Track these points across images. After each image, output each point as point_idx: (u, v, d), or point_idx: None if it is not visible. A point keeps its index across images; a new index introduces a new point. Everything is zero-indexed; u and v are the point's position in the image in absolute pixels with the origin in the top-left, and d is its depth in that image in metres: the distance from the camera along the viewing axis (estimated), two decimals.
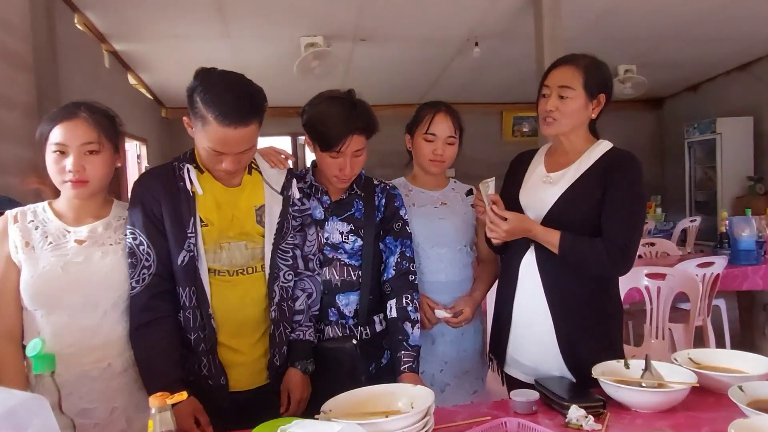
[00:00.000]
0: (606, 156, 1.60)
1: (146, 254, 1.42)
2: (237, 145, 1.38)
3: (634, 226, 1.56)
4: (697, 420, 1.22)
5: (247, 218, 1.50)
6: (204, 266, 1.43)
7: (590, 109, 1.60)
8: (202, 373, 1.45)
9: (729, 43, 6.02)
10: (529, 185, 1.69)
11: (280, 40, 5.15)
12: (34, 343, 0.95)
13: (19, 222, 1.39)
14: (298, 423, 1.00)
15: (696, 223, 6.08)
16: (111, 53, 5.45)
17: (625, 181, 1.55)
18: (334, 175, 1.61)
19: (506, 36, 5.36)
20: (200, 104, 1.35)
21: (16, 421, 0.81)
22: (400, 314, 1.62)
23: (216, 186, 1.48)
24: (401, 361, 1.57)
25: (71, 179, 1.36)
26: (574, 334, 1.58)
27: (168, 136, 7.89)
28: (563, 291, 1.58)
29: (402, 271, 1.67)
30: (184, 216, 1.43)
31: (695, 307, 2.80)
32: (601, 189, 1.55)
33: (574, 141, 1.64)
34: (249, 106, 1.37)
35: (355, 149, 1.58)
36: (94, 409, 1.36)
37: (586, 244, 1.53)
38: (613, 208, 1.53)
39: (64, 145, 1.35)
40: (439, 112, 1.83)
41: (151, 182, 1.47)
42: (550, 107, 1.59)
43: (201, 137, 1.39)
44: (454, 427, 1.23)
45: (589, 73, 1.58)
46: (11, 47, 3.35)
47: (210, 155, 1.40)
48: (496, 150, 8.43)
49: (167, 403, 0.89)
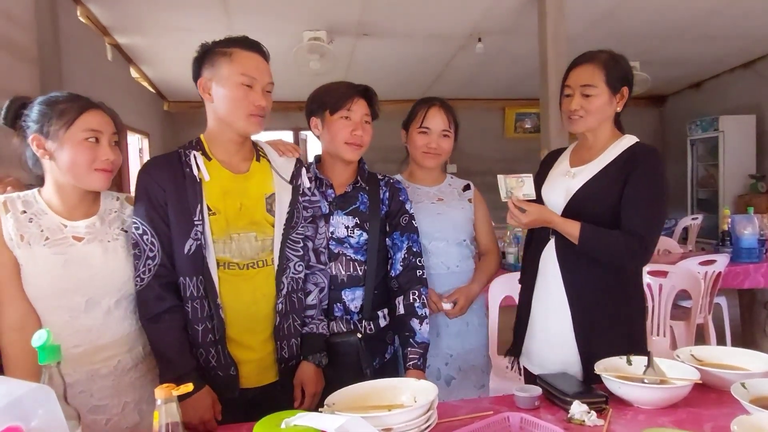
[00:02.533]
0: (629, 150, 1.60)
1: (150, 244, 1.39)
2: (265, 73, 1.45)
3: (653, 219, 1.55)
4: (699, 416, 1.22)
5: (257, 207, 1.48)
6: (212, 255, 1.41)
7: (614, 103, 1.62)
8: (210, 365, 1.43)
9: (732, 40, 6.00)
10: (551, 179, 1.70)
11: (283, 34, 5.14)
12: (39, 333, 0.95)
13: (11, 212, 1.31)
14: (303, 415, 1.00)
15: (698, 221, 6.07)
16: (113, 46, 5.44)
17: (645, 174, 1.55)
18: (346, 141, 1.64)
19: (509, 32, 5.34)
20: (221, 47, 1.43)
21: (22, 411, 0.82)
22: (407, 311, 1.63)
23: (223, 173, 1.47)
24: (407, 358, 1.59)
25: (105, 168, 1.33)
26: (591, 327, 1.58)
27: (170, 130, 7.88)
28: (583, 283, 1.59)
29: (409, 266, 1.67)
30: (191, 203, 1.41)
31: (697, 305, 2.81)
32: (622, 182, 1.55)
33: (600, 136, 1.65)
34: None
35: (363, 113, 1.66)
36: (106, 405, 1.34)
37: (606, 235, 1.53)
38: (633, 200, 1.53)
39: (99, 132, 1.33)
40: (433, 106, 1.86)
41: (156, 170, 1.44)
42: (574, 107, 1.60)
43: (228, 74, 1.41)
44: (457, 421, 1.24)
45: (609, 68, 1.59)
46: (15, 39, 3.34)
47: (239, 94, 1.41)
48: (497, 146, 8.43)
49: (173, 394, 0.90)
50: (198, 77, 1.47)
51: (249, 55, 1.43)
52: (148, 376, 1.42)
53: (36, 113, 1.32)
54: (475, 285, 1.87)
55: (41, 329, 0.96)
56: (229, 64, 1.41)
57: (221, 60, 1.42)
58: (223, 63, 1.41)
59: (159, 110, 7.69)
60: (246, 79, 1.41)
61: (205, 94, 1.45)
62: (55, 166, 1.33)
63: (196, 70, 1.47)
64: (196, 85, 1.48)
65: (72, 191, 1.36)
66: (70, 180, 1.34)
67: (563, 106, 1.66)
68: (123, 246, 1.40)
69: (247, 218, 1.46)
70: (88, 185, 1.35)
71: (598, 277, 1.58)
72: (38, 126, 1.31)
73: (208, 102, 1.47)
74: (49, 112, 1.31)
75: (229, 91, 1.42)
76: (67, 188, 1.36)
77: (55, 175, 1.35)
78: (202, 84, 1.45)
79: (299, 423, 0.99)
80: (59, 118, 1.30)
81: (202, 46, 1.47)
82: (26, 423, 0.81)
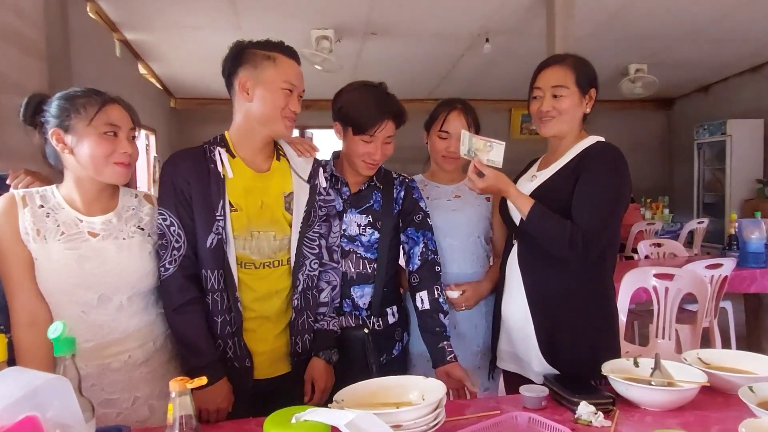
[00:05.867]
0: (586, 149, 1.60)
1: (177, 235, 1.42)
2: (302, 81, 1.49)
3: (599, 215, 1.50)
4: (706, 419, 1.22)
5: (277, 205, 1.50)
6: (232, 251, 1.43)
7: (584, 104, 1.63)
8: (227, 356, 1.46)
9: (741, 44, 5.98)
10: (518, 185, 1.70)
11: (291, 32, 5.15)
12: (55, 325, 0.95)
13: (29, 206, 1.32)
14: (313, 411, 1.01)
15: (703, 225, 6.05)
16: (122, 42, 5.47)
17: (595, 170, 1.53)
18: (362, 160, 1.64)
19: (517, 33, 5.34)
20: (262, 50, 1.45)
21: (39, 401, 0.83)
22: (434, 306, 1.64)
23: (246, 171, 1.49)
24: (445, 352, 1.58)
25: (123, 161, 1.35)
26: (553, 331, 1.58)
27: (176, 127, 7.91)
28: (545, 290, 1.59)
29: (428, 261, 1.68)
30: (214, 198, 1.43)
31: (703, 309, 2.80)
32: (574, 180, 1.54)
33: (566, 139, 1.65)
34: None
35: (387, 135, 1.64)
36: (117, 399, 1.36)
37: (554, 219, 1.52)
38: (580, 197, 1.52)
39: (118, 126, 1.34)
40: (454, 110, 1.86)
41: (182, 163, 1.46)
42: (546, 107, 1.61)
43: (272, 78, 1.43)
44: (464, 420, 1.24)
45: (578, 70, 1.61)
46: (25, 34, 3.37)
47: (281, 99, 1.44)
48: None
49: (187, 387, 0.90)
50: (232, 74, 1.47)
51: (291, 62, 1.47)
52: (158, 371, 1.43)
53: (56, 108, 1.34)
54: (486, 282, 1.87)
55: (57, 322, 0.97)
56: (274, 69, 1.44)
57: (265, 63, 1.44)
58: (267, 66, 1.44)
59: (166, 107, 7.72)
60: (288, 85, 1.45)
61: (242, 92, 1.45)
62: (75, 161, 1.34)
63: (231, 67, 1.47)
64: (229, 81, 1.48)
65: (90, 186, 1.37)
66: (89, 174, 1.35)
67: (531, 108, 1.66)
68: (138, 243, 1.41)
69: (268, 216, 1.49)
70: (106, 178, 1.37)
71: (561, 283, 1.57)
72: (58, 121, 1.33)
73: (241, 100, 1.46)
74: (68, 107, 1.33)
75: (271, 95, 1.44)
76: (86, 183, 1.37)
77: (74, 170, 1.36)
78: (242, 82, 1.44)
79: (309, 418, 0.99)
80: (79, 113, 1.32)
81: (237, 44, 1.48)
82: (42, 413, 0.82)
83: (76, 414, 0.86)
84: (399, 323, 1.76)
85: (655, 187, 8.60)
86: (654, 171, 8.90)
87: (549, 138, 1.69)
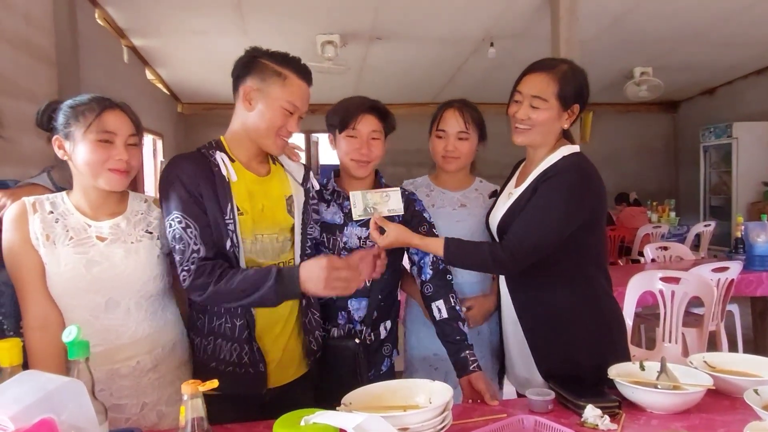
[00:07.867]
0: (554, 164, 1.53)
1: (194, 237, 1.37)
2: (307, 102, 1.48)
3: (533, 230, 1.47)
4: (712, 422, 1.23)
5: (278, 208, 1.51)
6: (242, 254, 1.43)
7: (563, 119, 1.55)
8: (242, 361, 1.45)
9: (747, 46, 5.97)
10: (498, 202, 1.69)
11: (297, 37, 5.19)
12: (70, 329, 0.97)
13: (39, 212, 1.33)
14: (321, 414, 1.02)
15: (710, 228, 6.03)
16: (130, 48, 5.52)
17: (547, 188, 1.49)
18: (351, 158, 1.66)
19: (522, 37, 5.35)
20: (274, 65, 1.44)
21: (54, 404, 0.84)
22: (452, 314, 1.60)
23: (247, 175, 1.48)
24: (468, 361, 1.52)
25: (118, 168, 1.35)
26: (547, 347, 1.57)
27: (183, 132, 7.96)
28: (532, 305, 1.58)
29: (440, 270, 1.66)
30: (221, 202, 1.40)
31: (710, 312, 2.79)
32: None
33: (539, 151, 1.59)
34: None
35: (370, 129, 1.65)
36: (125, 404, 1.36)
37: (469, 246, 1.53)
38: (525, 210, 1.50)
39: (113, 133, 1.34)
40: (449, 108, 1.86)
41: (186, 165, 1.42)
42: (521, 116, 1.53)
43: (276, 95, 1.42)
44: (471, 423, 1.25)
45: (563, 82, 1.51)
46: (34, 41, 3.41)
47: (280, 119, 1.43)
48: (507, 151, 8.26)
49: (199, 390, 0.92)
50: (239, 79, 1.46)
51: (300, 84, 1.46)
52: (167, 377, 1.43)
53: (61, 116, 1.36)
54: (493, 296, 1.84)
55: (71, 325, 0.99)
56: (281, 87, 1.43)
57: (274, 79, 1.42)
58: (275, 83, 1.42)
59: (173, 112, 7.77)
60: (291, 107, 1.44)
61: (245, 101, 1.44)
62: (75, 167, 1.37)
63: (240, 72, 1.45)
64: (235, 86, 1.48)
65: (94, 192, 1.39)
66: (87, 180, 1.37)
67: (510, 110, 1.58)
68: (146, 248, 1.41)
69: (269, 219, 1.49)
70: (102, 185, 1.36)
71: (547, 297, 1.55)
72: (61, 128, 1.35)
73: (242, 108, 1.46)
74: (70, 115, 1.35)
75: (271, 113, 1.43)
76: (90, 189, 1.38)
77: (77, 176, 1.39)
78: (247, 91, 1.43)
79: (318, 421, 1.01)
80: (78, 120, 1.34)
81: (252, 51, 1.47)
82: (58, 416, 0.84)
83: (90, 417, 0.87)
84: (389, 339, 1.76)
85: (661, 190, 8.58)
86: (660, 174, 8.89)
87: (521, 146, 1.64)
